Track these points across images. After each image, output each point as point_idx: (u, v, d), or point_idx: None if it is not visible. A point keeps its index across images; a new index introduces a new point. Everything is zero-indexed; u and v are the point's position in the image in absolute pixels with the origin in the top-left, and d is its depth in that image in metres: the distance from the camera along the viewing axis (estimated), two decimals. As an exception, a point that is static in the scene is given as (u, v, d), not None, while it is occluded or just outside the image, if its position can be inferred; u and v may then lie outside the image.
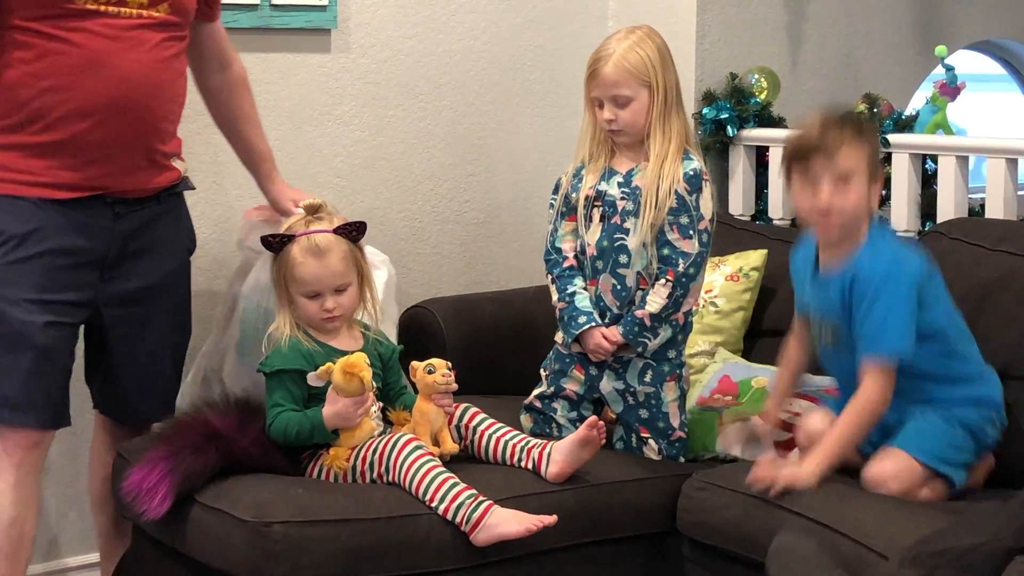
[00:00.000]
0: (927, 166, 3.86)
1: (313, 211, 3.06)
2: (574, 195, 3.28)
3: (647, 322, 3.17)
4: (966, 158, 3.74)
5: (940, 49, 3.99)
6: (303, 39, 3.80)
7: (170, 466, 2.89)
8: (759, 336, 3.68)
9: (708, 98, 4.18)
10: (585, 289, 3.26)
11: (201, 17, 3.18)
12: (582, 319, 3.22)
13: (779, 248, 3.70)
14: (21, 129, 2.88)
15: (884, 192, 3.93)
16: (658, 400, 3.24)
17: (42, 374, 2.92)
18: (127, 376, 3.14)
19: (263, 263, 3.18)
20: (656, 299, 3.17)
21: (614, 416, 3.30)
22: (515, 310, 3.77)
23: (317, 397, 2.96)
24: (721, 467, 3.20)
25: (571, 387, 3.29)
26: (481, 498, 2.85)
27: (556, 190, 3.36)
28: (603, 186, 3.24)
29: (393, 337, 3.33)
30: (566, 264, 3.29)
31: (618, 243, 3.21)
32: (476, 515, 2.84)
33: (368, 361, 2.92)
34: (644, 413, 3.25)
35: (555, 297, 3.30)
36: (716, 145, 4.17)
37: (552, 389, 3.31)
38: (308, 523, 2.76)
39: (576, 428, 3.09)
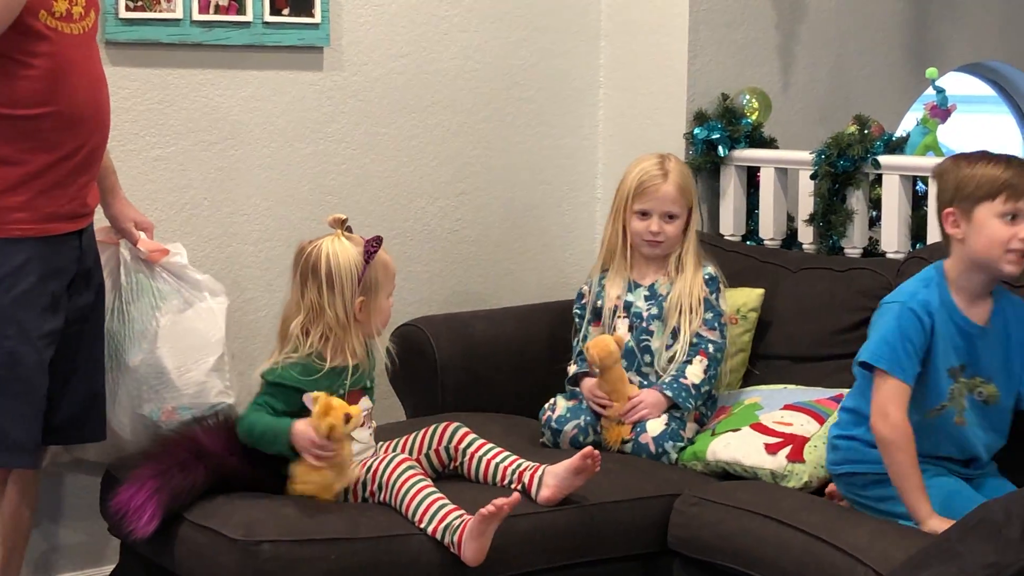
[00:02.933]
0: (918, 188, 3.86)
1: (342, 223, 3.06)
2: (599, 302, 3.57)
3: (692, 389, 3.42)
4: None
5: (931, 71, 4.00)
6: (295, 57, 3.81)
7: (158, 484, 2.88)
8: (753, 361, 3.67)
9: (699, 118, 4.18)
10: None
11: None
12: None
13: (771, 276, 3.71)
14: (23, 164, 2.85)
15: (875, 213, 3.95)
16: (681, 419, 3.42)
17: (40, 413, 2.92)
18: (76, 394, 3.07)
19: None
20: (696, 370, 3.44)
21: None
22: (506, 328, 3.77)
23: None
24: (713, 484, 3.21)
25: None
26: (466, 516, 2.85)
27: (579, 299, 3.65)
28: (629, 297, 3.54)
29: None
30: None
31: (644, 344, 3.50)
32: (457, 535, 2.83)
33: (357, 418, 2.90)
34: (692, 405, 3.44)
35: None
36: (707, 165, 4.18)
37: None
38: (298, 543, 2.75)
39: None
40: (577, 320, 3.62)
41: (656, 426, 3.36)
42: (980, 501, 2.83)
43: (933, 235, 3.69)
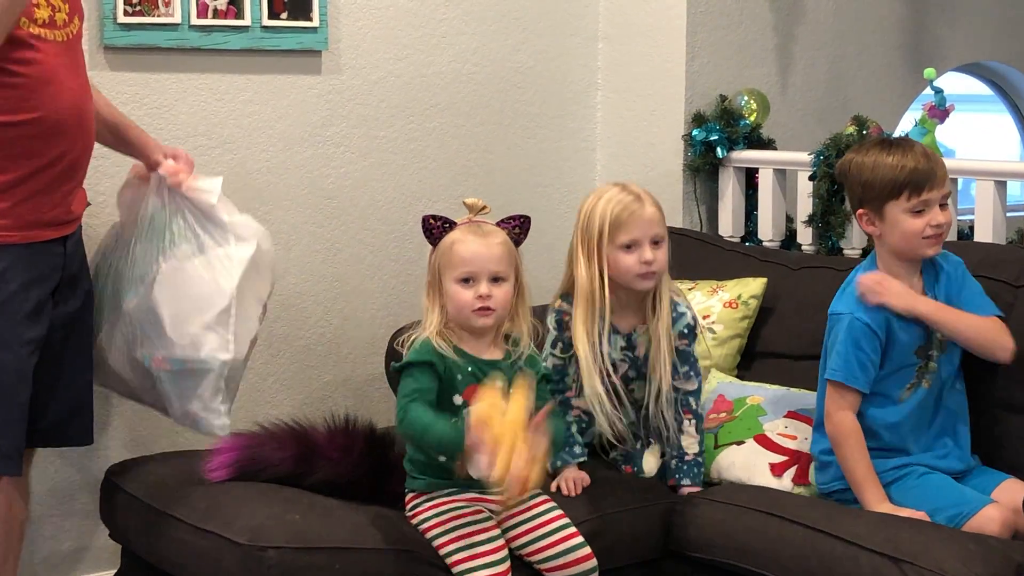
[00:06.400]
0: (916, 188, 3.86)
1: (478, 209, 2.92)
2: (575, 344, 3.18)
3: (698, 460, 3.24)
4: (955, 180, 3.75)
5: (929, 71, 4.00)
6: (294, 61, 3.81)
7: (247, 443, 2.98)
8: (753, 358, 3.68)
9: (698, 120, 4.19)
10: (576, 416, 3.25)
11: None
12: (577, 449, 3.20)
13: (775, 273, 3.70)
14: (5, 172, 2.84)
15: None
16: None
17: (22, 420, 2.89)
18: (62, 400, 3.05)
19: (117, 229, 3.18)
20: (691, 441, 3.24)
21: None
22: (506, 331, 3.75)
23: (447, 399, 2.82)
24: (715, 486, 3.22)
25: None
26: None
27: (559, 327, 3.23)
28: (605, 346, 3.17)
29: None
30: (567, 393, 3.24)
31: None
32: None
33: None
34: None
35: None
36: (706, 166, 4.19)
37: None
38: (303, 550, 2.73)
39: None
40: (554, 335, 3.25)
41: (652, 465, 3.28)
42: (967, 491, 2.97)
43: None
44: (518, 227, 2.94)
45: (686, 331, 3.22)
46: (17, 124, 2.81)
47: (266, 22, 3.70)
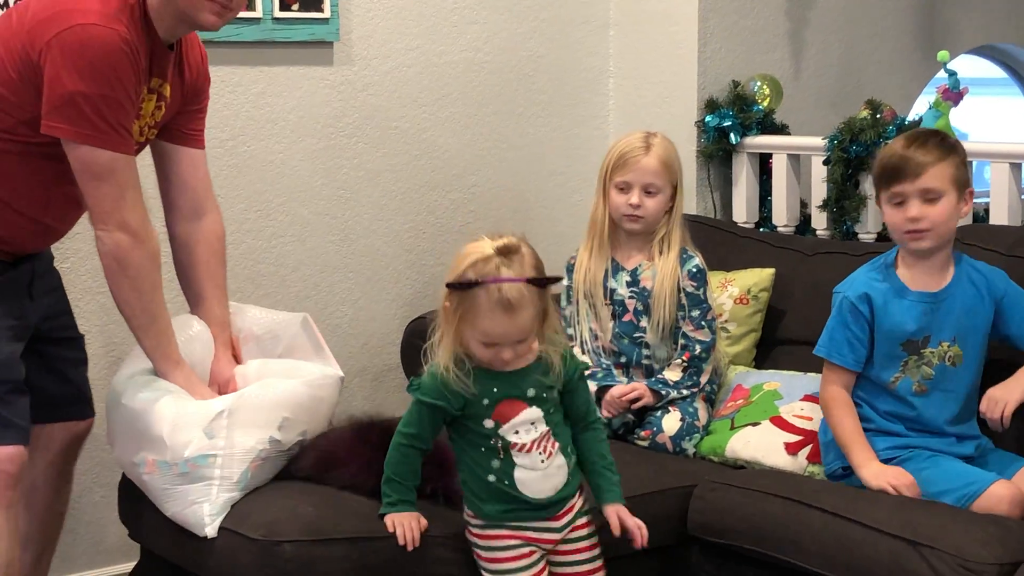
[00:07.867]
0: (931, 172, 3.85)
1: (505, 253, 2.62)
2: (584, 285, 3.47)
3: (670, 382, 3.40)
4: (969, 163, 3.73)
5: (942, 54, 3.98)
6: (306, 52, 3.81)
7: None
8: (770, 346, 3.67)
9: (711, 106, 4.18)
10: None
11: (175, 138, 3.01)
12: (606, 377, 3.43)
13: (785, 261, 3.70)
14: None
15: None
16: (692, 398, 3.40)
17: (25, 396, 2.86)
18: (77, 372, 3.07)
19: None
20: (673, 373, 3.40)
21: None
22: (520, 320, 3.75)
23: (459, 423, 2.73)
24: (733, 471, 3.22)
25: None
26: None
27: (569, 273, 3.51)
28: (611, 283, 3.45)
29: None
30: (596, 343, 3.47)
31: (638, 340, 3.43)
32: None
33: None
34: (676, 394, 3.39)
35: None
36: (719, 153, 4.18)
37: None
38: (318, 542, 2.73)
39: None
40: (567, 291, 3.49)
41: (672, 424, 3.34)
42: (972, 470, 2.96)
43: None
44: (549, 281, 2.68)
45: (695, 270, 3.41)
46: (23, 216, 2.83)
47: (278, 14, 3.70)
